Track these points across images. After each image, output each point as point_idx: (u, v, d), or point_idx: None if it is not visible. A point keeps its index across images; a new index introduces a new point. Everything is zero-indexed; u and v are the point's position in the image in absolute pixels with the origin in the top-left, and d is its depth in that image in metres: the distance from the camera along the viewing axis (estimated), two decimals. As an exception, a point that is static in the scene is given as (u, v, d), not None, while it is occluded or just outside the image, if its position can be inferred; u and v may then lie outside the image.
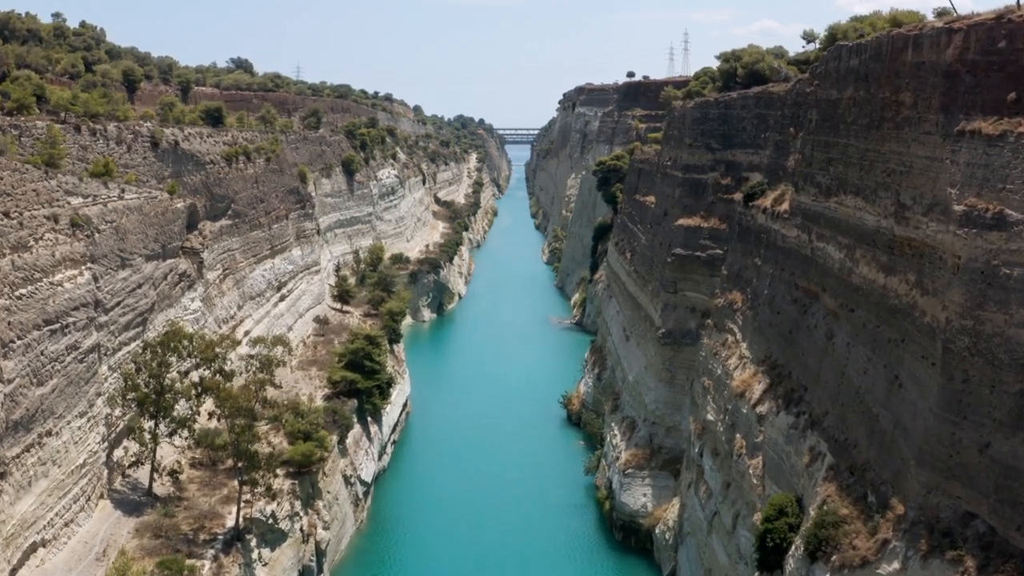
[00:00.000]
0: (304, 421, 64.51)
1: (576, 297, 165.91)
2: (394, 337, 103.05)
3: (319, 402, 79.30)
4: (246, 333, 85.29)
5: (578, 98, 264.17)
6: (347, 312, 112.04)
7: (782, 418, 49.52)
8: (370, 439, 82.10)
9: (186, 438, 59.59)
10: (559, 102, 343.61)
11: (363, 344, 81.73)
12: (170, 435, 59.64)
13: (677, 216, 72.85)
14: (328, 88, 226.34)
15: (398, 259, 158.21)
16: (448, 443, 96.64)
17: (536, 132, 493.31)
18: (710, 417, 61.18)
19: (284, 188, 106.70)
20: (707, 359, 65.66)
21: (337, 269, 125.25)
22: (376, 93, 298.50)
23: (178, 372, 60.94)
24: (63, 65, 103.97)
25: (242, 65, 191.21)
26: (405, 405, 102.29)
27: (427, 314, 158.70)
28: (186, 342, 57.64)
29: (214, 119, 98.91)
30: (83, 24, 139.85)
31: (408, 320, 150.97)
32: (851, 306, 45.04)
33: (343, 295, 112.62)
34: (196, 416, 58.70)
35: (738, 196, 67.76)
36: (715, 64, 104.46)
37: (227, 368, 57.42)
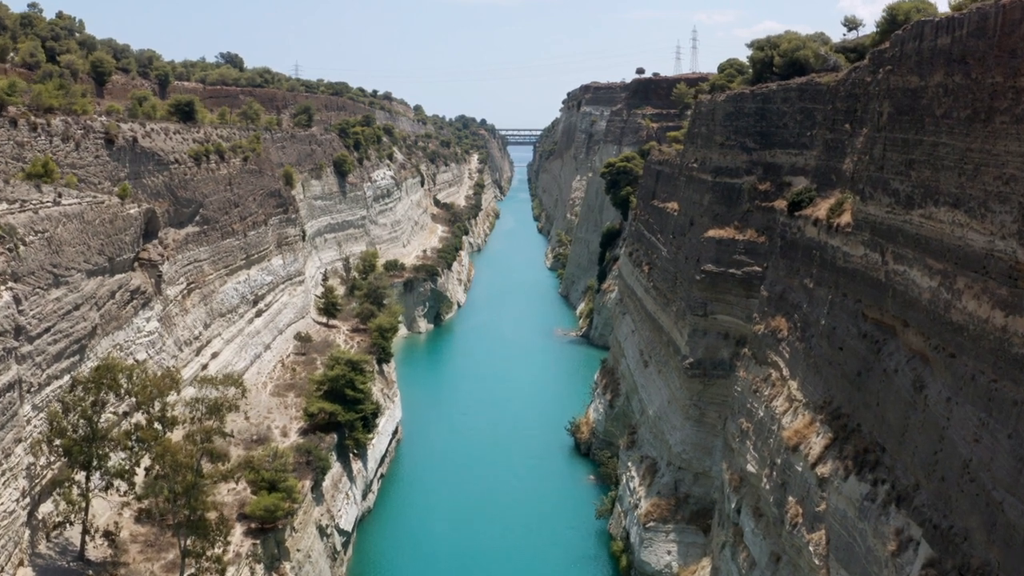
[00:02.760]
0: (269, 468, 54.55)
1: (582, 307, 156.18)
2: (383, 357, 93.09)
3: (293, 436, 69.48)
4: (213, 355, 75.57)
5: (583, 97, 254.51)
6: (333, 327, 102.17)
7: (852, 485, 39.60)
8: (352, 479, 72.14)
9: (125, 492, 49.59)
10: (563, 101, 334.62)
11: (344, 370, 71.70)
12: (105, 489, 49.67)
13: (706, 226, 62.93)
14: (323, 85, 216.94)
15: (392, 266, 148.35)
16: (442, 477, 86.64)
17: (539, 132, 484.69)
18: (751, 469, 51.26)
19: (264, 190, 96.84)
20: (744, 396, 55.73)
21: (325, 278, 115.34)
22: (375, 91, 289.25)
23: (115, 413, 51.06)
24: (21, 54, 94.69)
25: (232, 60, 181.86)
26: (395, 432, 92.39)
27: (423, 325, 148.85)
28: (123, 378, 47.53)
29: (185, 114, 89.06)
30: (60, 15, 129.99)
31: (403, 331, 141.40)
32: (950, 350, 35.05)
33: (329, 308, 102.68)
34: (136, 466, 48.70)
35: (780, 204, 57.82)
36: (726, 61, 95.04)
37: (168, 413, 47.33)
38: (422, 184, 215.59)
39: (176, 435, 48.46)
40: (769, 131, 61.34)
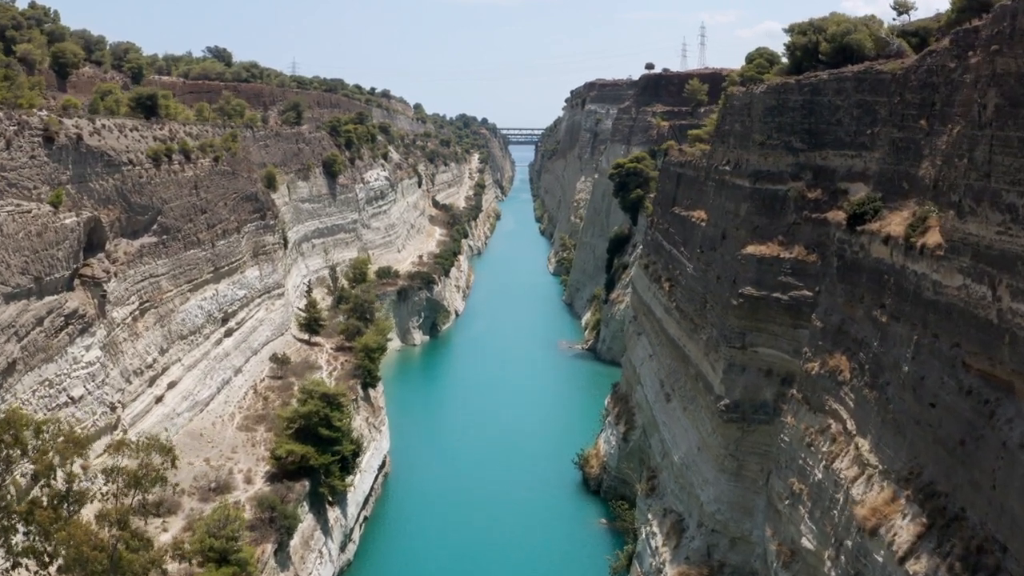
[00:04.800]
0: (219, 535, 44.90)
1: (588, 317, 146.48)
2: (370, 381, 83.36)
3: (259, 483, 59.87)
4: (171, 385, 66.08)
5: (588, 94, 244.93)
6: (316, 345, 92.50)
7: (962, 595, 29.92)
8: (327, 531, 62.44)
9: (36, 573, 39.94)
10: (566, 100, 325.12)
11: (318, 406, 62.04)
12: (12, 568, 40.04)
13: (743, 240, 53.22)
14: (316, 81, 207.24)
15: (386, 273, 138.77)
16: (433, 518, 76.87)
17: (541, 132, 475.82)
18: (807, 544, 41.64)
19: (238, 194, 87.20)
20: (794, 449, 46.11)
21: (309, 289, 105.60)
22: (372, 89, 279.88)
23: (32, 466, 41.43)
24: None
25: (219, 55, 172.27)
26: (383, 465, 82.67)
27: (418, 336, 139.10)
28: (29, 435, 37.87)
29: (148, 109, 79.44)
30: (33, 4, 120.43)
31: (396, 344, 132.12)
32: (1116, 428, 25.45)
33: (311, 324, 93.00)
34: (46, 543, 39.04)
35: (836, 216, 48.20)
36: (754, 51, 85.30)
37: (75, 486, 37.66)
38: (420, 185, 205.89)
39: (99, 506, 38.81)
40: (819, 128, 51.65)
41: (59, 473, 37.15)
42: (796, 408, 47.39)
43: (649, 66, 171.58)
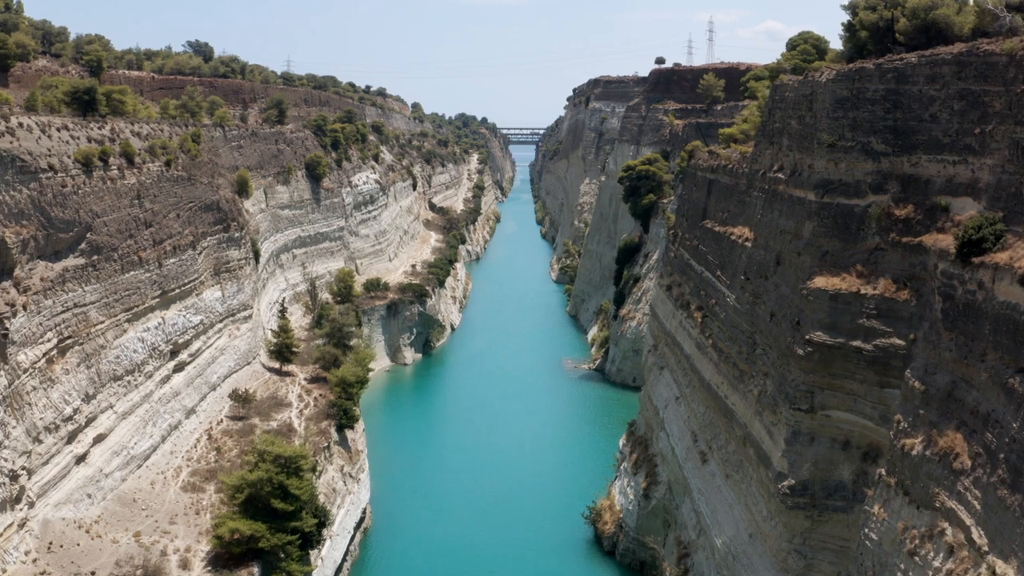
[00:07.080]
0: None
1: (595, 333, 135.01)
2: (346, 421, 71.70)
3: (198, 568, 48.25)
4: (98, 439, 54.50)
5: (592, 92, 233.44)
6: (287, 375, 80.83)
7: None
8: (282, 626, 50.84)
9: None
10: (568, 98, 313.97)
11: (271, 471, 50.49)
12: None
13: (809, 270, 41.66)
14: (305, 78, 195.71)
15: (374, 286, 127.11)
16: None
17: (542, 131, 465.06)
18: None
19: (195, 203, 75.58)
20: (886, 552, 34.57)
21: (283, 309, 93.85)
22: (367, 87, 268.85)
23: None
24: None
25: (199, 49, 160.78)
26: (361, 521, 71.00)
27: (409, 355, 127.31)
28: None
29: (84, 104, 67.88)
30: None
31: (385, 363, 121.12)
32: None
33: (283, 351, 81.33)
34: None
35: (938, 241, 36.75)
36: (797, 36, 73.67)
37: None
38: (414, 187, 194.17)
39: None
40: (907, 126, 40.04)
41: None
42: (887, 496, 35.84)
43: (659, 60, 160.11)
